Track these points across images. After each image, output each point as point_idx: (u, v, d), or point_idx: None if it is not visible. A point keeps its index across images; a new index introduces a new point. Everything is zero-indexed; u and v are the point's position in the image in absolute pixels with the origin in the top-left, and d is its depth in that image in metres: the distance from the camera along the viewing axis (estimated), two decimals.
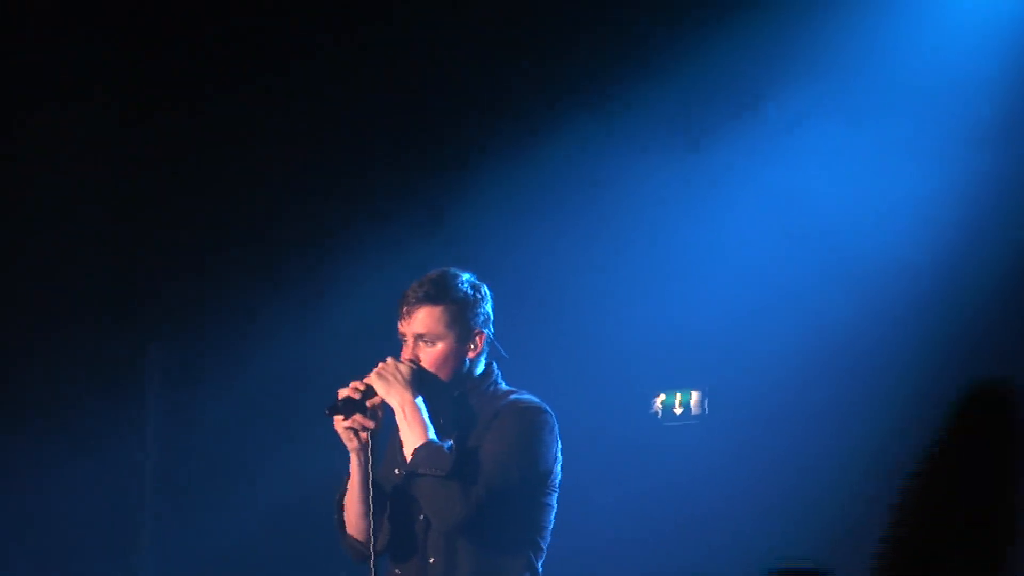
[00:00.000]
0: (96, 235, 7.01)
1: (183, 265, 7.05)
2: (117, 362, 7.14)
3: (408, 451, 4.51)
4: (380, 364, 4.58)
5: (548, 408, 4.63)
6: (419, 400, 4.53)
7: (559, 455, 4.62)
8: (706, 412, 6.94)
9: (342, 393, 4.56)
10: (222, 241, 7.01)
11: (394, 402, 4.52)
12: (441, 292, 4.59)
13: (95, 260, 7.02)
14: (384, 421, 4.59)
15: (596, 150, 6.86)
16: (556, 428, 4.61)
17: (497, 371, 4.71)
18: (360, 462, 4.58)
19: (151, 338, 7.20)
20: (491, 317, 4.68)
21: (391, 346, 4.68)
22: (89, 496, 7.03)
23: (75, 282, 6.99)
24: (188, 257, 7.05)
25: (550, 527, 4.62)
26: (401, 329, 4.63)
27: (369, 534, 4.53)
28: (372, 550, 4.51)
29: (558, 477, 4.62)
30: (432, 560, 4.55)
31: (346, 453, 4.62)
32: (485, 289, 4.69)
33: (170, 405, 7.22)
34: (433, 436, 4.51)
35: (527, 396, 4.65)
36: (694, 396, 6.97)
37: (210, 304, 7.07)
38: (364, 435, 4.56)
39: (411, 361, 4.59)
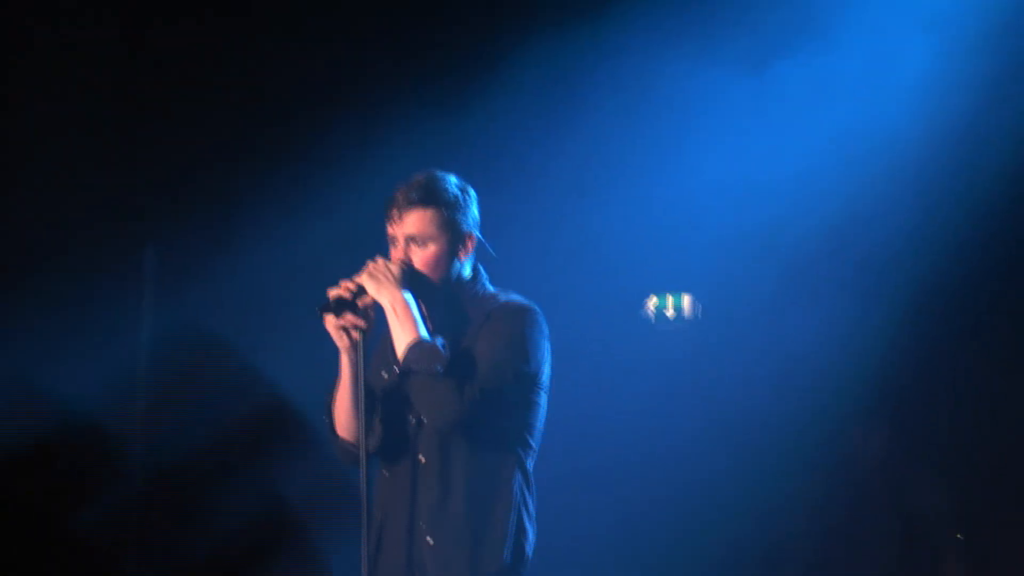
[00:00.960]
0: (94, 143, 7.05)
1: (178, 171, 7.10)
2: (114, 263, 7.20)
3: (400, 349, 4.53)
4: (370, 263, 4.60)
5: (537, 307, 4.65)
6: (409, 298, 4.54)
7: (548, 354, 4.65)
8: (699, 316, 6.94)
9: (333, 292, 4.57)
10: (212, 148, 7.06)
11: (384, 301, 4.54)
12: (432, 194, 4.60)
13: (92, 168, 7.06)
14: (374, 323, 4.59)
15: (583, 55, 6.86)
16: (545, 327, 4.64)
17: (484, 273, 4.74)
18: (351, 362, 4.59)
19: (147, 240, 7.25)
20: (478, 219, 4.69)
21: (380, 247, 4.69)
22: (85, 388, 7.09)
23: (72, 189, 7.06)
24: (182, 162, 7.09)
25: (540, 426, 4.65)
26: (391, 231, 4.64)
27: (360, 435, 4.54)
28: (363, 451, 4.53)
29: (548, 376, 4.65)
30: (423, 459, 4.57)
31: (336, 354, 4.62)
32: (472, 191, 4.70)
33: (165, 305, 7.27)
34: (425, 334, 4.53)
35: (516, 296, 4.68)
36: (686, 299, 6.97)
37: (203, 207, 7.11)
38: (355, 334, 4.56)
39: (401, 261, 4.59)
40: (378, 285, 4.54)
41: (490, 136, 6.76)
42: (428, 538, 4.52)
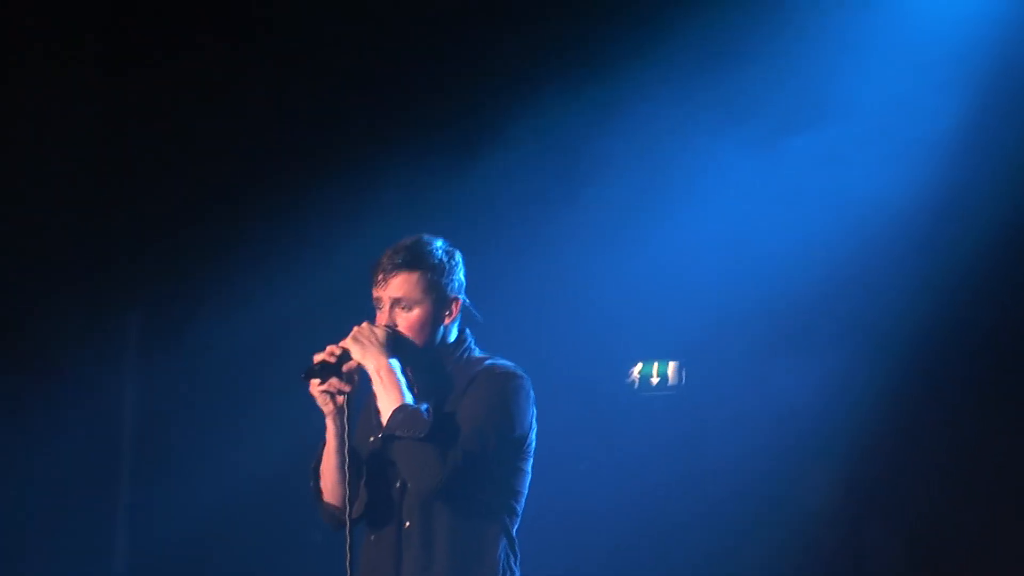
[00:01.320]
0: (76, 203, 7.02)
1: (161, 234, 7.07)
2: (97, 329, 7.16)
3: (384, 415, 4.51)
4: (355, 328, 4.58)
5: (523, 372, 4.63)
6: (395, 363, 4.52)
7: (534, 420, 4.63)
8: (683, 383, 6.96)
9: (318, 357, 4.56)
10: (198, 211, 7.04)
11: (370, 366, 4.52)
12: (417, 258, 4.60)
13: (75, 228, 7.04)
14: (359, 387, 4.59)
15: (572, 124, 6.89)
16: (531, 393, 4.62)
17: (470, 337, 4.72)
18: (336, 427, 4.58)
19: (130, 306, 7.21)
20: (464, 283, 4.69)
21: (366, 312, 4.68)
22: (69, 461, 7.04)
23: (55, 251, 7.02)
24: (165, 226, 7.06)
25: (525, 492, 4.63)
26: (376, 294, 4.63)
27: (344, 500, 4.53)
28: (348, 516, 4.52)
29: (533, 442, 4.63)
30: (407, 524, 4.54)
31: (322, 419, 4.61)
32: (458, 255, 4.70)
33: (147, 371, 7.24)
34: (410, 399, 4.51)
35: (502, 361, 4.65)
36: (671, 366, 6.99)
37: (186, 273, 7.08)
38: (340, 399, 4.55)
39: (387, 325, 4.58)
40: (363, 350, 4.53)
41: (485, 201, 6.80)
42: None
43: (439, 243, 4.67)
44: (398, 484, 4.57)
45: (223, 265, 6.99)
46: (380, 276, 4.61)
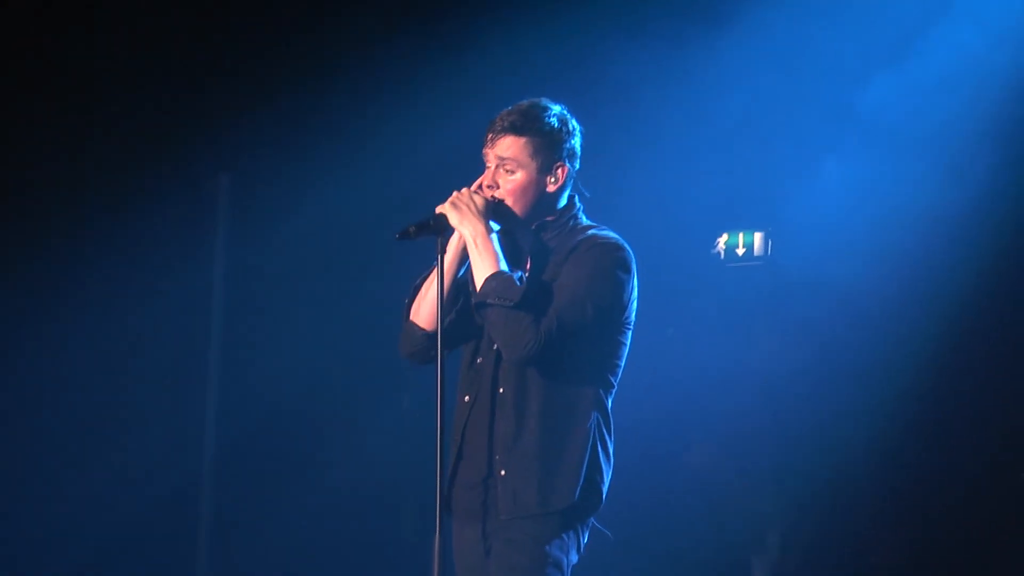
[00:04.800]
0: (168, 67, 7.02)
1: (255, 98, 7.03)
2: (189, 190, 7.21)
3: (478, 281, 4.49)
4: (455, 193, 4.55)
5: (626, 244, 4.59)
6: (492, 233, 4.50)
7: (635, 292, 4.59)
8: (769, 253, 6.91)
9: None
10: (294, 74, 7.02)
11: (466, 232, 4.50)
12: (527, 123, 4.55)
13: (167, 92, 7.02)
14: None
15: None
16: (633, 265, 4.57)
17: (579, 205, 4.68)
18: (460, 245, 4.55)
19: (222, 168, 7.23)
20: (578, 152, 4.63)
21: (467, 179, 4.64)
22: (158, 322, 7.12)
23: (149, 113, 7.01)
24: (259, 89, 7.03)
25: (622, 364, 4.60)
26: (485, 152, 4.60)
27: (435, 323, 4.48)
28: (440, 345, 4.45)
29: (633, 315, 4.60)
30: (502, 390, 4.54)
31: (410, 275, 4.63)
32: (574, 124, 4.64)
33: (237, 235, 7.29)
34: (504, 267, 4.48)
35: (607, 232, 4.61)
36: (757, 237, 6.93)
37: (280, 136, 7.07)
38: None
39: (488, 191, 4.56)
40: (460, 215, 4.50)
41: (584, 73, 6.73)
42: (502, 470, 4.49)
43: (555, 109, 4.60)
44: (495, 348, 4.55)
45: (316, 128, 6.99)
46: (490, 136, 4.58)
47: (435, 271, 4.54)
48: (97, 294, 6.99)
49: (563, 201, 4.64)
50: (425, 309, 4.60)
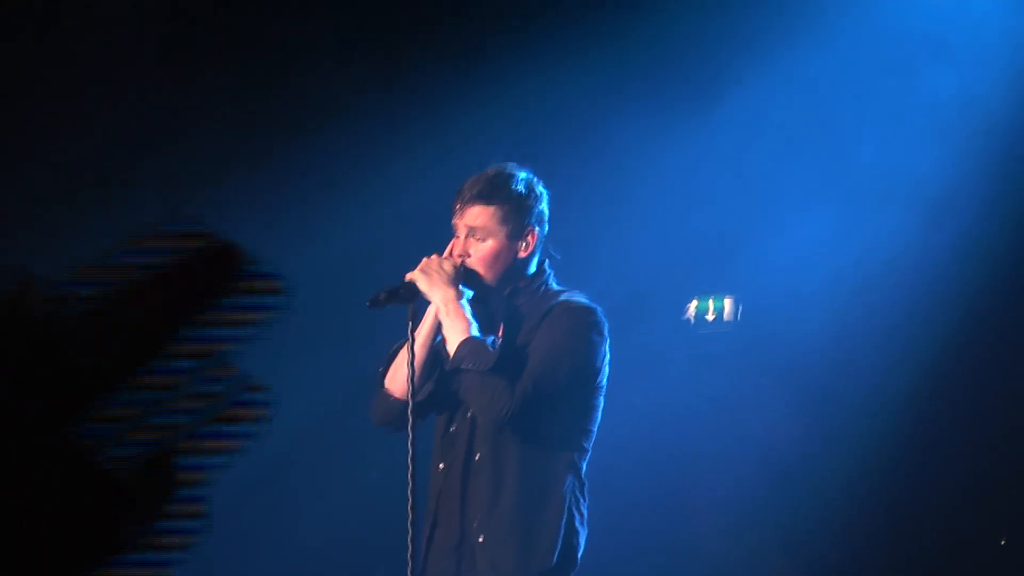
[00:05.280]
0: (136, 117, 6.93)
1: (226, 155, 6.97)
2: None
3: (450, 348, 4.49)
4: (424, 260, 4.56)
5: (599, 309, 4.59)
6: (463, 299, 4.50)
7: (607, 357, 4.60)
8: (739, 319, 6.92)
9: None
10: (260, 134, 6.96)
11: (436, 299, 4.50)
12: (495, 191, 4.56)
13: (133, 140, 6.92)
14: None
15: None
16: (606, 329, 4.58)
17: (549, 270, 4.69)
18: (426, 328, 4.57)
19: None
20: (546, 217, 4.65)
21: (435, 244, 4.65)
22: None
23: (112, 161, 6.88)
24: (226, 147, 6.97)
25: (595, 429, 4.60)
26: (454, 221, 4.61)
27: (408, 391, 4.47)
28: (411, 415, 4.44)
29: (605, 379, 4.61)
30: (478, 456, 4.53)
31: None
32: (541, 189, 4.65)
33: None
34: (476, 332, 4.49)
35: (579, 296, 4.62)
36: (727, 302, 6.95)
37: (248, 200, 6.96)
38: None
39: (459, 258, 4.57)
40: (430, 282, 4.50)
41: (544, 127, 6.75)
42: (480, 536, 4.48)
43: (522, 175, 4.64)
44: (469, 415, 4.55)
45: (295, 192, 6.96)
46: (458, 205, 4.59)
47: (408, 342, 4.52)
48: None
49: (533, 267, 4.65)
50: (400, 377, 4.59)
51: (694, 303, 7.00)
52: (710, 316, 6.99)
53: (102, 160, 6.84)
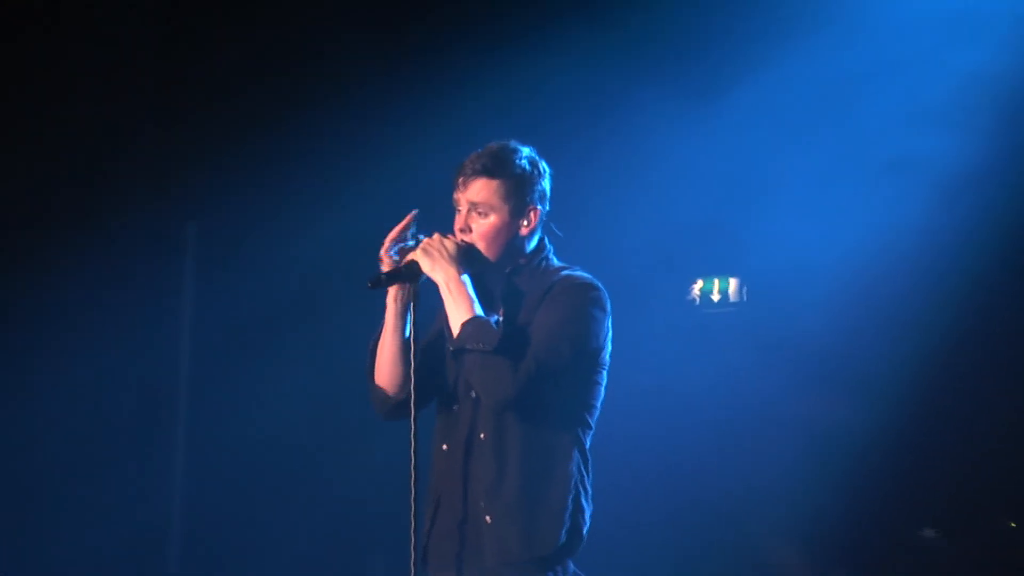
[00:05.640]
0: (137, 113, 6.97)
1: (222, 146, 6.98)
2: (156, 240, 7.14)
3: (454, 327, 4.45)
4: (425, 239, 4.53)
5: (600, 284, 4.55)
6: (465, 276, 4.47)
7: (610, 332, 4.56)
8: (744, 299, 6.90)
9: (386, 265, 4.53)
10: (261, 119, 6.96)
11: (439, 278, 4.47)
12: (499, 165, 4.53)
13: (136, 139, 6.99)
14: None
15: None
16: (608, 304, 4.54)
17: (549, 247, 4.65)
18: (396, 307, 4.54)
19: (189, 217, 7.17)
20: (548, 194, 4.61)
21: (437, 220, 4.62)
22: (125, 371, 7.06)
23: (116, 160, 6.95)
24: (226, 134, 6.97)
25: (599, 405, 4.57)
26: (456, 196, 4.57)
27: (397, 382, 4.50)
28: (413, 406, 4.43)
29: (608, 355, 4.57)
30: (483, 436, 4.49)
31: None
32: (544, 166, 4.62)
33: (207, 284, 7.22)
34: (479, 311, 4.45)
35: (579, 272, 4.58)
36: (732, 283, 6.93)
37: (249, 183, 7.03)
38: (406, 287, 4.52)
39: (460, 239, 4.53)
40: (432, 262, 4.47)
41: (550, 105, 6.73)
42: (486, 516, 4.45)
43: (525, 151, 4.58)
44: (472, 394, 4.51)
45: (285, 173, 6.97)
46: (461, 180, 4.55)
47: (382, 329, 4.54)
48: (61, 348, 6.92)
49: (534, 243, 4.62)
50: (385, 370, 4.59)
51: (699, 283, 6.98)
52: (715, 296, 6.96)
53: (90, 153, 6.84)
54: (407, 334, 4.51)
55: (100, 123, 6.91)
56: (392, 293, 4.52)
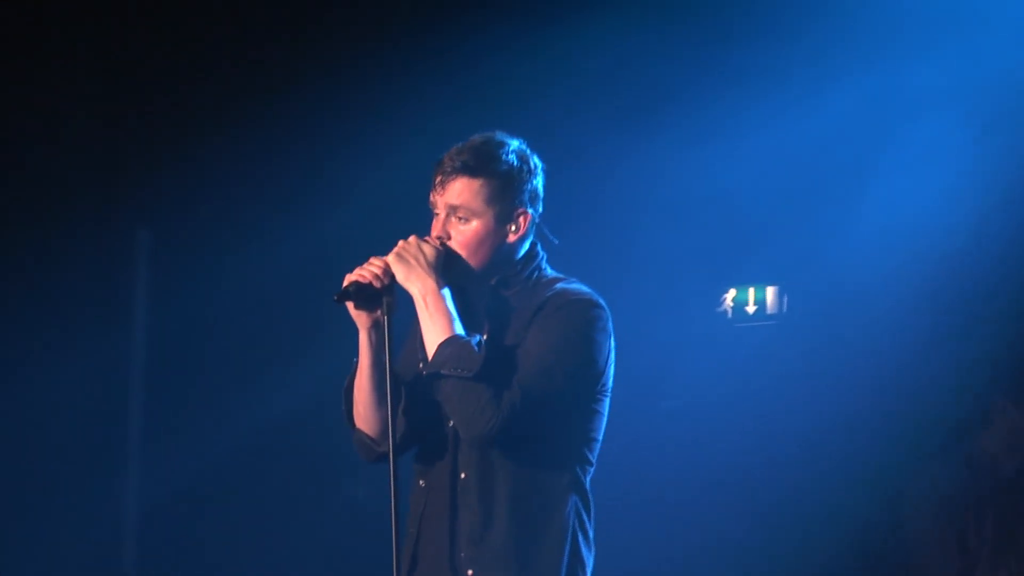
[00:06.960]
0: (86, 119, 6.89)
1: (176, 147, 6.88)
2: (106, 247, 7.02)
3: (430, 348, 4.04)
4: (401, 243, 4.09)
5: (601, 300, 4.14)
6: (444, 289, 4.06)
7: (612, 354, 4.14)
8: (784, 311, 6.57)
9: (352, 276, 4.08)
10: (216, 120, 6.82)
11: (414, 289, 4.05)
12: (482, 162, 4.09)
13: (84, 144, 6.90)
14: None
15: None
16: (609, 324, 4.13)
17: (542, 254, 4.23)
18: (371, 342, 4.10)
19: (141, 223, 7.05)
20: (540, 195, 4.19)
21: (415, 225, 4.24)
22: (75, 383, 6.86)
23: (65, 167, 6.86)
24: (180, 137, 6.87)
25: (600, 438, 4.17)
26: (433, 198, 4.15)
27: (381, 427, 4.13)
28: (391, 446, 4.05)
29: (610, 380, 4.16)
30: (463, 475, 4.10)
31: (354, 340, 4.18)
32: (536, 161, 4.19)
33: (158, 290, 7.08)
34: (459, 330, 4.04)
35: (576, 285, 4.17)
36: (770, 292, 6.62)
37: (204, 188, 6.88)
38: (378, 311, 4.08)
39: (439, 241, 4.11)
40: (407, 270, 4.04)
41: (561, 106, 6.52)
42: (468, 569, 4.06)
43: (513, 145, 4.15)
44: (451, 425, 4.11)
45: (241, 178, 6.82)
46: (438, 179, 4.12)
47: (356, 368, 4.16)
48: (3, 360, 6.76)
49: (524, 251, 4.17)
50: (367, 413, 4.17)
51: (731, 293, 6.68)
52: (750, 308, 6.67)
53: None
54: (388, 367, 4.10)
55: (39, 118, 6.78)
56: (364, 325, 4.09)
